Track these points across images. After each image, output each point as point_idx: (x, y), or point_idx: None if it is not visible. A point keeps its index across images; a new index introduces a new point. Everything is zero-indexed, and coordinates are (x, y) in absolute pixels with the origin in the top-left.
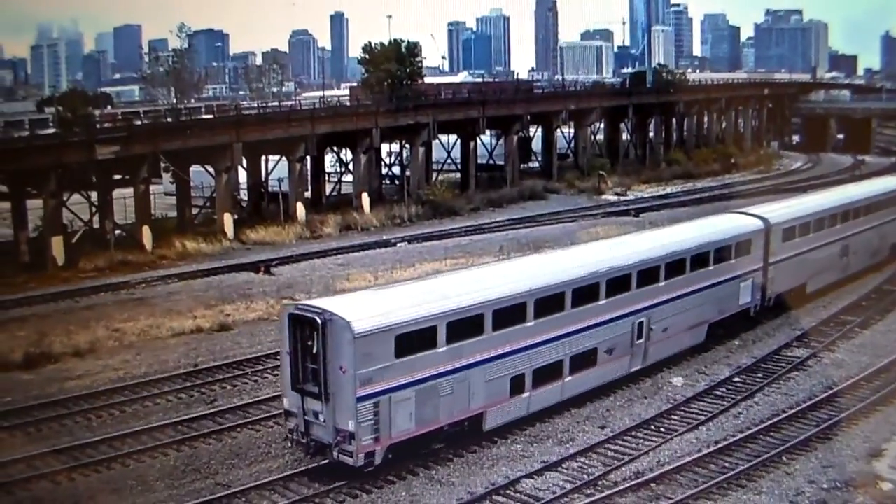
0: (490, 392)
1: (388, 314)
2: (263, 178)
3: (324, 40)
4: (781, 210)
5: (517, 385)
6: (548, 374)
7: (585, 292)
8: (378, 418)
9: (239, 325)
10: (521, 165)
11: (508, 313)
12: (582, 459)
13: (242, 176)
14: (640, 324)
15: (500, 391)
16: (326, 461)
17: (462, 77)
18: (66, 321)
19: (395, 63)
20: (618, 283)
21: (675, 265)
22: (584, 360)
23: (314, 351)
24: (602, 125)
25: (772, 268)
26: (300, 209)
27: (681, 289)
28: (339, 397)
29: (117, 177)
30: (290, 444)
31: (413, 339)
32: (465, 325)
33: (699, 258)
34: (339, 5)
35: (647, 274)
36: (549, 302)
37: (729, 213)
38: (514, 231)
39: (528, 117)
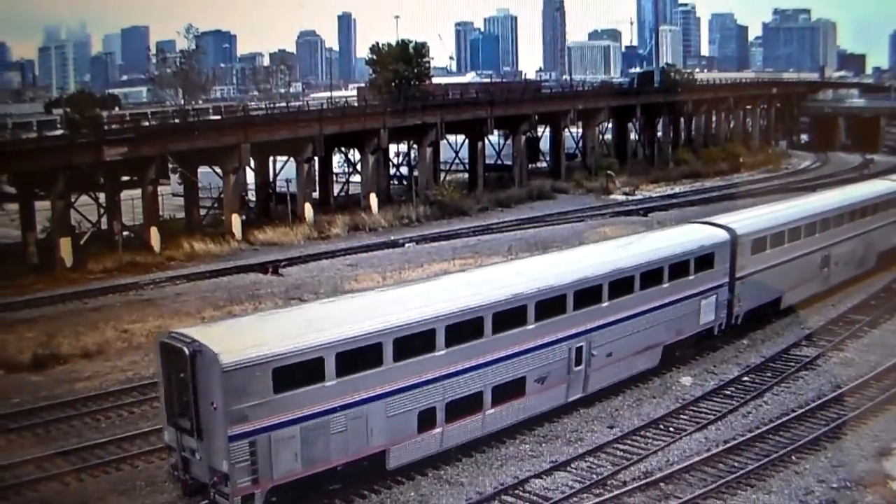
0: (393, 428)
1: (265, 345)
2: (271, 179)
3: (331, 41)
4: (751, 219)
5: (427, 420)
6: (464, 406)
7: (510, 316)
8: (256, 458)
9: None
10: (529, 165)
11: (413, 341)
12: (591, 459)
13: (250, 177)
14: (579, 349)
15: (406, 427)
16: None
17: (470, 77)
18: (75, 322)
19: (402, 63)
20: (550, 305)
21: (621, 283)
22: (509, 391)
23: (186, 385)
24: (610, 125)
25: (739, 283)
26: (308, 210)
27: (628, 309)
28: (212, 435)
29: (125, 178)
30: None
31: (295, 373)
32: (359, 356)
33: (650, 275)
34: (347, 6)
35: (587, 294)
36: (463, 328)
37: (691, 224)
38: (522, 231)
39: (536, 117)
